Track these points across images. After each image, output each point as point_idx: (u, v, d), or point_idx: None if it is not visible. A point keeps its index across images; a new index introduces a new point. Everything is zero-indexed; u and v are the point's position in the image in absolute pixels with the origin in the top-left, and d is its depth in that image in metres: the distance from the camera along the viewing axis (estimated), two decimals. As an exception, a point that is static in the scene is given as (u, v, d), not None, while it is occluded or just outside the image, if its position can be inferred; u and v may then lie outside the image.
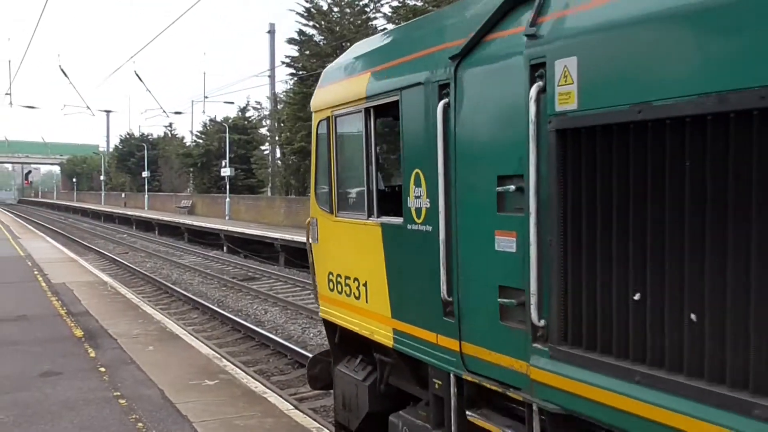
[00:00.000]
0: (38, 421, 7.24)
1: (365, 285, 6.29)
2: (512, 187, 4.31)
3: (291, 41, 42.97)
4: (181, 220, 44.64)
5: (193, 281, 23.36)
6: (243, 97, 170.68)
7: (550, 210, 3.98)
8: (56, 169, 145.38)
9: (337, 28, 40.28)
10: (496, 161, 4.50)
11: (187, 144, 69.34)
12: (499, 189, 4.42)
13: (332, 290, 6.99)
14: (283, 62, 43.37)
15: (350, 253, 6.58)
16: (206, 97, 54.77)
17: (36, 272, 20.04)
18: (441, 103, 4.89)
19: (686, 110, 3.22)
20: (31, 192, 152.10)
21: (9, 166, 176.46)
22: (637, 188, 3.52)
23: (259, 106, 57.19)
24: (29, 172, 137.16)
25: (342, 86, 6.59)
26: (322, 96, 6.98)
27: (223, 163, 48.28)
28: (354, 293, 6.53)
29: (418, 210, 5.37)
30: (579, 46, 3.80)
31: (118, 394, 8.17)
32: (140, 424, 7.11)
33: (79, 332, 11.60)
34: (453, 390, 5.17)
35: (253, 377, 9.67)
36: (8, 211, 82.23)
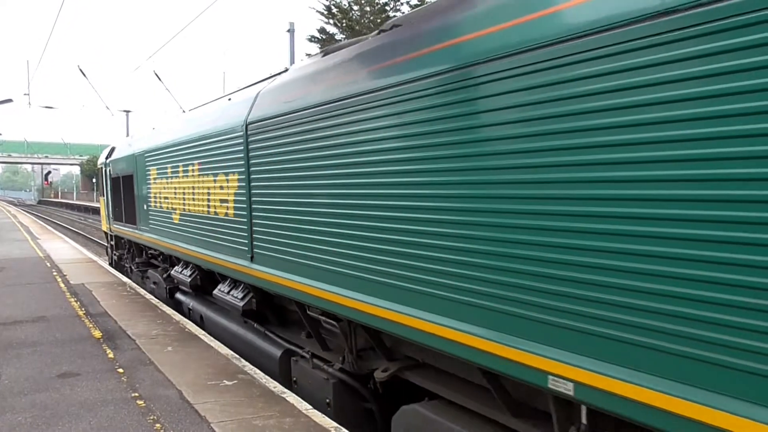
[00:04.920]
0: (56, 423, 7.21)
1: (105, 214, 20.90)
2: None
3: (312, 39, 42.95)
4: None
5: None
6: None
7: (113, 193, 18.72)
8: (76, 169, 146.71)
9: (357, 27, 40.22)
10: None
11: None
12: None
13: (105, 220, 21.22)
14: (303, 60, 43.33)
15: (103, 207, 21.58)
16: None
17: (55, 273, 20.12)
18: (107, 169, 19.39)
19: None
20: (51, 192, 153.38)
21: (29, 167, 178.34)
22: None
23: None
24: (48, 172, 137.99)
25: (102, 156, 21.08)
26: (100, 159, 21.37)
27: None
28: (106, 218, 20.94)
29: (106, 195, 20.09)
30: (113, 163, 18.34)
31: (137, 395, 8.13)
32: (158, 425, 7.05)
33: (97, 333, 11.60)
34: (110, 241, 21.88)
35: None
36: (28, 212, 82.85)
